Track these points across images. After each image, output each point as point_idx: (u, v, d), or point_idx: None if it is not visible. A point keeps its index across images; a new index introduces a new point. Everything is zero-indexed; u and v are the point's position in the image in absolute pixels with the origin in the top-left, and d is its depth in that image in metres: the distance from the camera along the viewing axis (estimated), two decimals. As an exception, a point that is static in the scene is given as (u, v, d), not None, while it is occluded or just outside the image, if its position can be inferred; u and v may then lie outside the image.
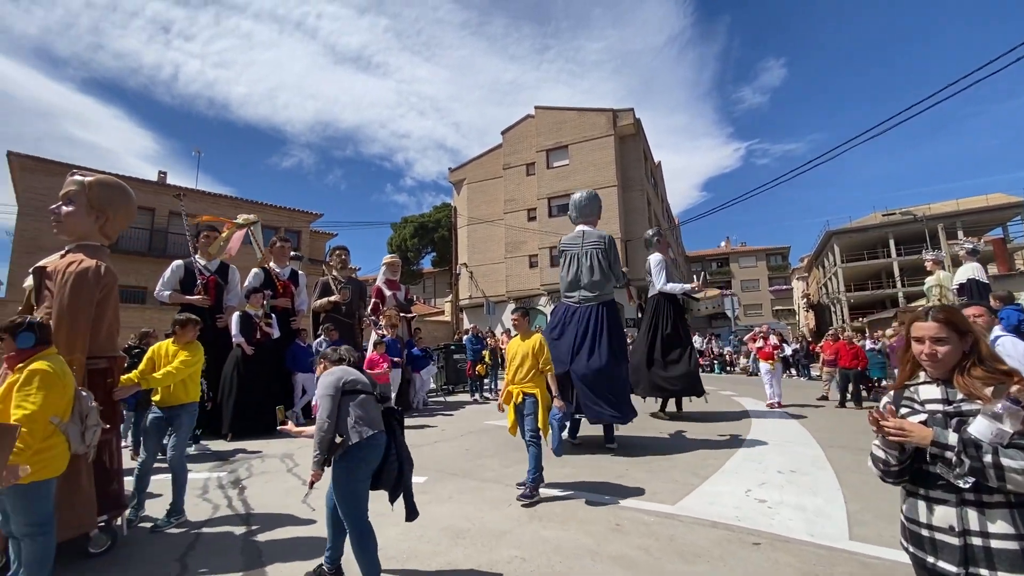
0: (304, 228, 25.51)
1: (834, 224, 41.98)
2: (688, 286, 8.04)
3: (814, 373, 16.73)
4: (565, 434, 5.44)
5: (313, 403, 6.40)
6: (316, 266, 18.17)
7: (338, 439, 2.53)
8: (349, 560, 2.72)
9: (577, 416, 6.01)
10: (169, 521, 3.60)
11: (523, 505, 3.91)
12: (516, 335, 4.55)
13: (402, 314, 10.28)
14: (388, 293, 10.66)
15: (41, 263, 3.14)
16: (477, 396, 11.13)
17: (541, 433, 4.20)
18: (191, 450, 6.01)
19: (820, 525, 3.52)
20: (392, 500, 2.74)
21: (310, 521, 3.67)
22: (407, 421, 8.25)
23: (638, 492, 4.26)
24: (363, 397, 2.65)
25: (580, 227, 6.51)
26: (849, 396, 9.34)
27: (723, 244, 58.10)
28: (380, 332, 9.69)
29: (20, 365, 2.50)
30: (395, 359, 8.70)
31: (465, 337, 15.58)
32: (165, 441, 3.95)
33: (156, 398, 3.83)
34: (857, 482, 4.49)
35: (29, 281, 3.15)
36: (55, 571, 2.54)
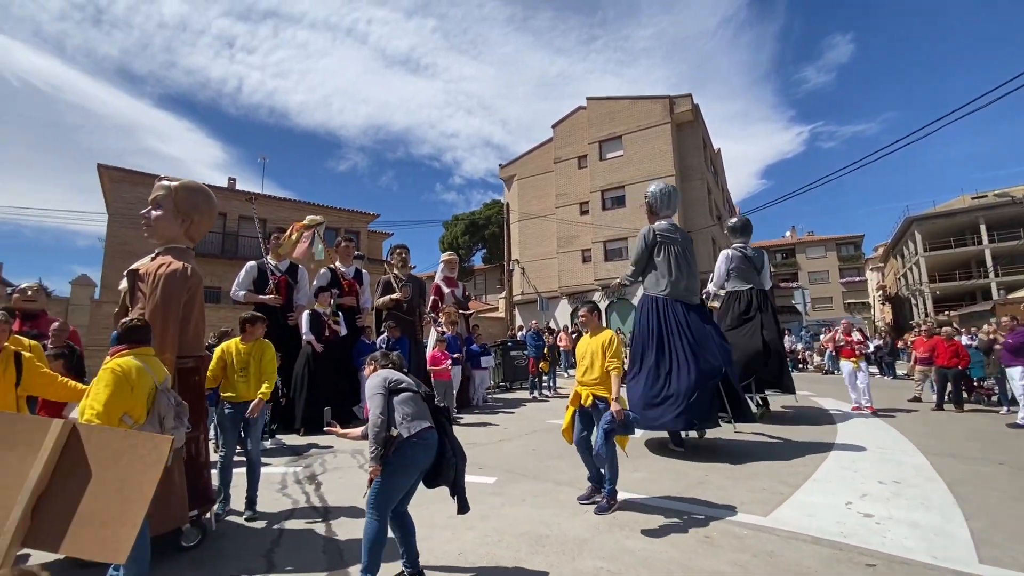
0: (362, 228, 26.32)
1: (915, 209, 38.81)
2: None
3: (899, 372, 15.44)
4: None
5: (364, 404, 6.60)
6: (374, 265, 18.69)
7: (393, 432, 2.56)
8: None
9: (724, 417, 5.67)
10: (255, 514, 3.72)
11: (604, 514, 3.71)
12: (587, 333, 4.32)
13: (460, 311, 10.31)
14: (447, 290, 10.73)
15: (134, 266, 3.27)
16: (536, 393, 11.01)
17: (617, 442, 3.93)
18: (268, 444, 6.25)
19: (941, 545, 3.12)
20: (453, 495, 2.78)
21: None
22: (469, 418, 8.28)
23: (724, 501, 3.96)
24: (409, 395, 2.71)
25: (667, 220, 6.11)
26: (948, 398, 8.47)
27: (788, 234, 54.89)
28: (440, 329, 9.77)
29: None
30: (455, 355, 8.72)
31: (521, 333, 15.51)
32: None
33: (231, 394, 3.96)
34: (975, 496, 4.00)
35: (124, 283, 3.29)
36: (153, 565, 2.62)
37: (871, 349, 13.64)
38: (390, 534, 2.78)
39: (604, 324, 4.36)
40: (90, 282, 12.92)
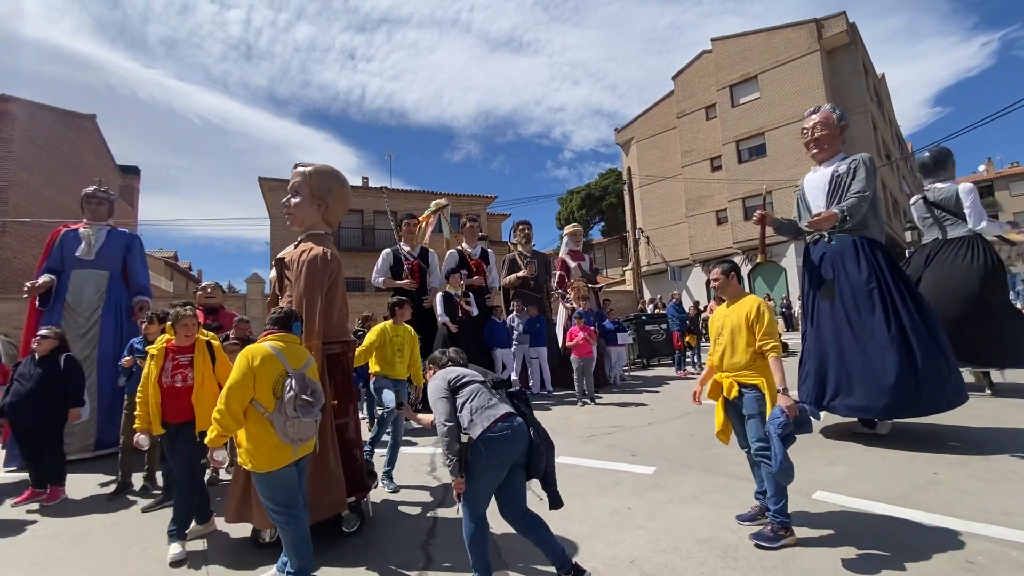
0: (482, 211, 26.91)
1: None
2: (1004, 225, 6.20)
3: None
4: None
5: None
6: (495, 247, 18.89)
7: (464, 438, 2.28)
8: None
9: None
10: (393, 484, 4.01)
11: (769, 548, 2.68)
12: (719, 300, 3.40)
13: (589, 285, 9.78)
14: (572, 264, 10.27)
15: (280, 254, 3.31)
16: (680, 370, 10.12)
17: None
18: (415, 424, 6.41)
19: None
20: (544, 487, 2.45)
21: (539, 513, 3.33)
22: (609, 397, 7.80)
23: (976, 510, 2.97)
24: (474, 387, 2.43)
25: None
26: None
27: (982, 168, 44.54)
28: (568, 305, 9.36)
29: None
30: (592, 329, 8.27)
31: (651, 306, 14.51)
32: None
33: (387, 372, 4.38)
34: None
35: (272, 273, 3.34)
36: (316, 552, 2.59)
37: None
38: (553, 528, 2.46)
39: (747, 289, 3.37)
40: (261, 279, 14.81)
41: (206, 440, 2.35)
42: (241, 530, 3.21)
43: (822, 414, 4.64)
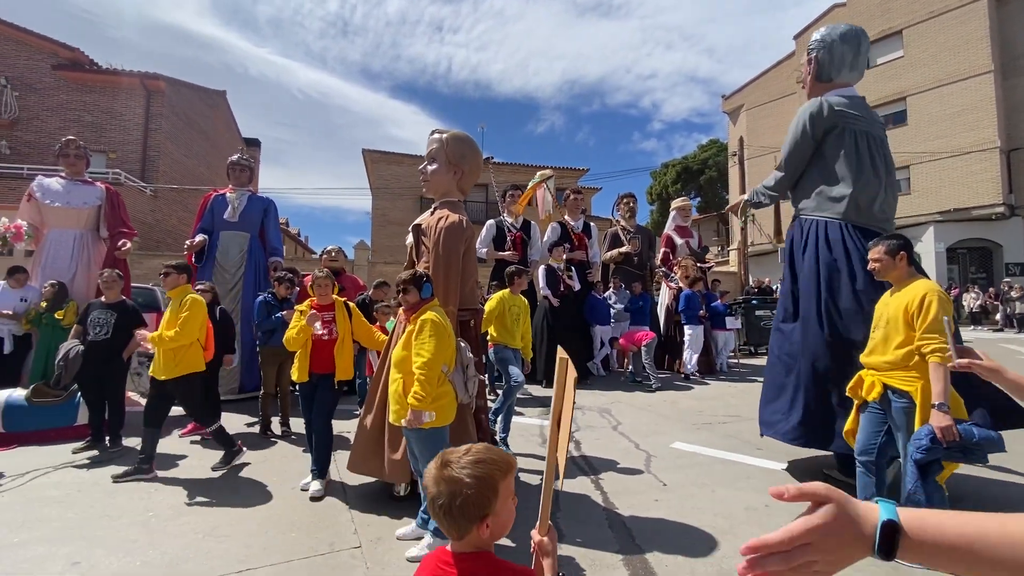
0: (572, 184, 26.33)
1: None
2: None
3: None
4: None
5: (596, 361, 6.58)
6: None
7: None
8: None
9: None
10: (509, 450, 4.02)
11: None
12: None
13: (698, 264, 9.21)
14: (679, 241, 9.72)
15: (417, 220, 3.36)
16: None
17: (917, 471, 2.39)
18: (518, 394, 6.48)
19: None
20: None
21: (666, 500, 3.19)
22: (717, 384, 7.36)
23: None
24: None
25: (848, 90, 3.76)
26: None
27: None
28: (673, 285, 8.91)
29: (414, 316, 2.61)
30: (700, 313, 7.83)
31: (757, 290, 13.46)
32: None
33: (507, 341, 4.51)
34: None
35: (409, 239, 3.41)
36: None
37: None
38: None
39: (918, 272, 2.73)
40: (367, 247, 15.71)
41: (414, 402, 2.43)
42: (374, 481, 3.39)
43: None
